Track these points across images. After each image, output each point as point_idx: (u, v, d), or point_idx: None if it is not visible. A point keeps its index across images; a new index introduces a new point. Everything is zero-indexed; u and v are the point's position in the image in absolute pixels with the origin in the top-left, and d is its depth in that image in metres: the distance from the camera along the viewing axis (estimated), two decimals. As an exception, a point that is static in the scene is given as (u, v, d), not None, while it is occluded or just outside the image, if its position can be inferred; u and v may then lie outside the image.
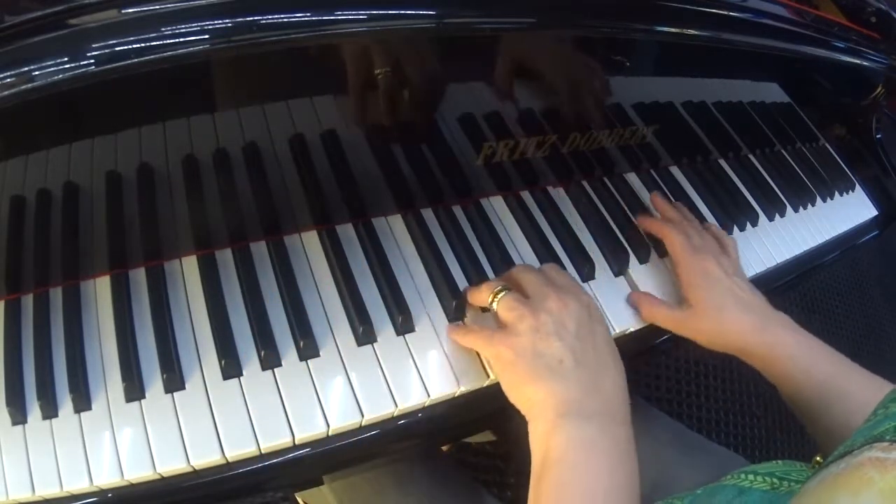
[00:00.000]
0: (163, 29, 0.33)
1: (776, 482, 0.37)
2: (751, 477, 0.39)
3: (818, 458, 0.39)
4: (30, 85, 0.32)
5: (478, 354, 0.49)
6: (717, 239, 0.60)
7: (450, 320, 0.50)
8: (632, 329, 0.56)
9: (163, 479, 0.41)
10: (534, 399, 0.42)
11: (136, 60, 0.33)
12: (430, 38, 0.44)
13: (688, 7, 0.51)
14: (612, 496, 0.39)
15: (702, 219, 0.66)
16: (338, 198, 0.51)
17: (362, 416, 0.45)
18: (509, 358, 0.43)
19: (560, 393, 0.41)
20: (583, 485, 0.39)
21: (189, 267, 0.49)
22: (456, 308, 0.50)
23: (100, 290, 0.47)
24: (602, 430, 0.41)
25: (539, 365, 0.42)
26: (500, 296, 0.47)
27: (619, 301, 0.57)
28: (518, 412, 0.44)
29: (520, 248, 0.58)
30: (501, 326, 0.46)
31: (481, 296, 0.49)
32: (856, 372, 0.50)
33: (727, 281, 0.54)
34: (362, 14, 0.38)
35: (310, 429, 0.43)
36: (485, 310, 0.51)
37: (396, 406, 0.46)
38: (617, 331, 0.55)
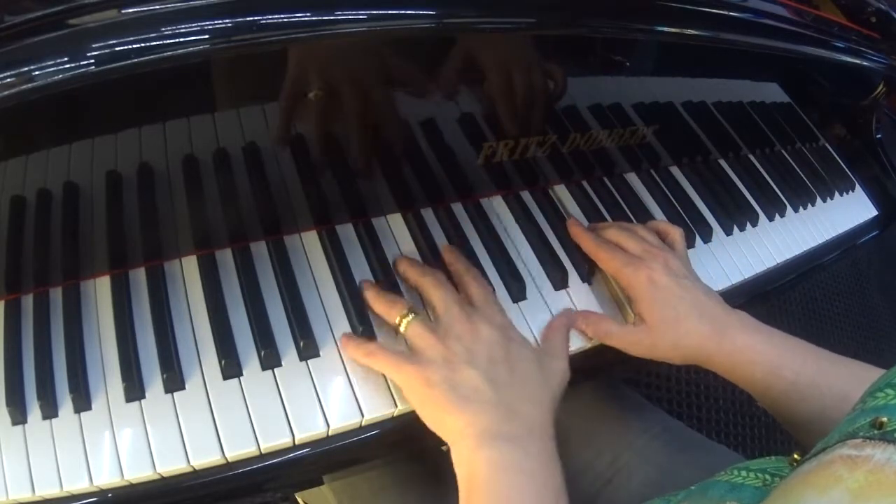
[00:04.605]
0: (163, 29, 0.33)
1: (768, 478, 0.37)
2: (743, 473, 0.39)
3: (796, 456, 0.38)
4: (30, 85, 0.32)
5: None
6: (661, 234, 0.56)
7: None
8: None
9: (163, 479, 0.41)
10: (453, 428, 0.42)
11: (136, 60, 0.33)
12: (430, 38, 0.44)
13: (688, 7, 0.51)
14: None
15: (699, 219, 0.66)
16: (338, 198, 0.51)
17: (362, 416, 0.45)
18: (423, 389, 0.42)
19: (478, 421, 0.41)
20: None
21: (189, 267, 0.49)
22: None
23: (100, 290, 0.47)
24: (525, 452, 0.40)
25: (454, 395, 0.42)
26: (407, 320, 0.45)
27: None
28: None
29: (520, 247, 0.57)
30: (410, 349, 0.45)
31: (388, 315, 0.47)
32: (826, 361, 0.47)
33: (677, 287, 0.50)
34: (362, 14, 0.38)
35: (310, 429, 0.43)
36: None
37: (397, 406, 0.46)
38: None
